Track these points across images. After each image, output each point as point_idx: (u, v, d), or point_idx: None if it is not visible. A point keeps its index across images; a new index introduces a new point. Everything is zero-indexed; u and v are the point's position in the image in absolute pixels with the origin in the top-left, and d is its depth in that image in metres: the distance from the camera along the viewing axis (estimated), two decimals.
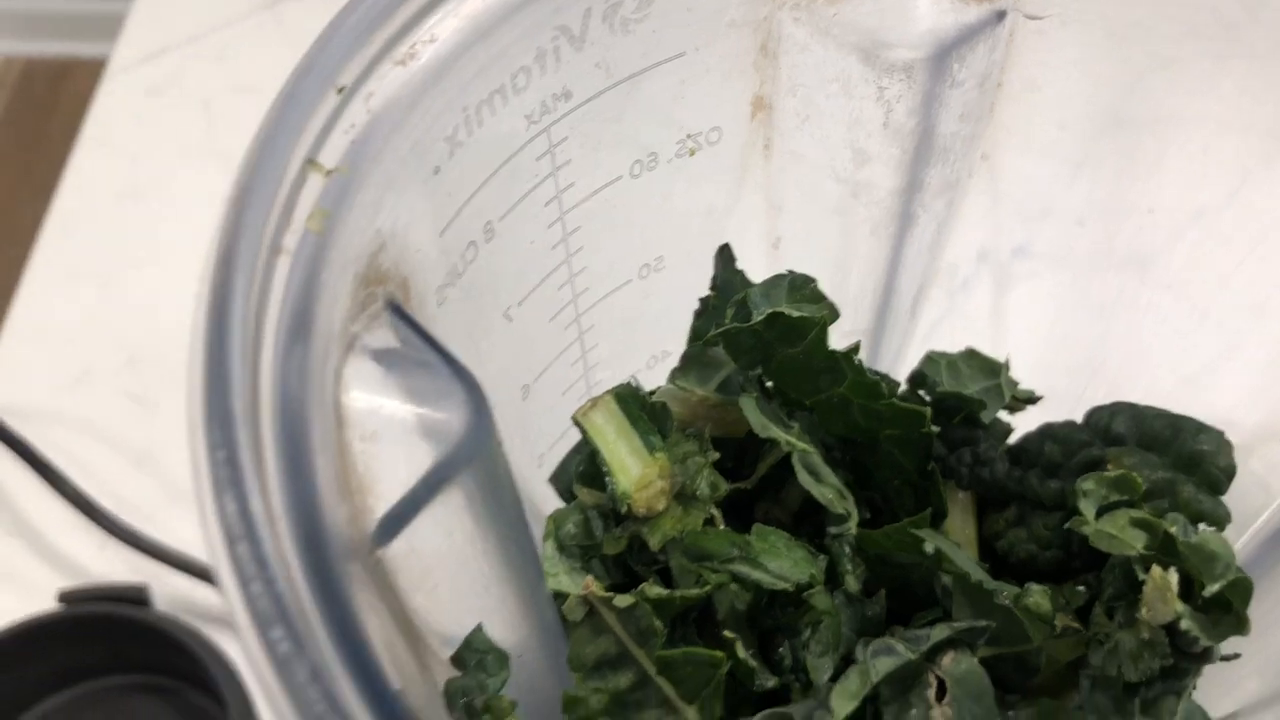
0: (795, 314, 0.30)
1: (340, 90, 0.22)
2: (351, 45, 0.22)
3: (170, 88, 0.82)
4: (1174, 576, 0.27)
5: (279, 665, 0.16)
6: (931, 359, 0.34)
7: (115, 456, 0.68)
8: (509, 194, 0.27)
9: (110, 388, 0.70)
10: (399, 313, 0.24)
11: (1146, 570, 0.27)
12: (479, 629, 0.26)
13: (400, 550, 0.22)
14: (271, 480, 0.19)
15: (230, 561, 0.17)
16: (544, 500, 0.34)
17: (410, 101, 0.23)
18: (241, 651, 0.17)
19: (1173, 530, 0.27)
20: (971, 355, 0.35)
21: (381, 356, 0.23)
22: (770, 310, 0.30)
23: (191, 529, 0.62)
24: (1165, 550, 0.27)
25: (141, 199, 0.78)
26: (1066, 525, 0.29)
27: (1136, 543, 0.28)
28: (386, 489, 0.22)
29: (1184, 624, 0.27)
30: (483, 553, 0.26)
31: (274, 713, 0.16)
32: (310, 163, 0.21)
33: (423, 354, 0.23)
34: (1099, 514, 0.29)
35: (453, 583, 0.25)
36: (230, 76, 0.83)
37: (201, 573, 0.60)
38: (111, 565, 0.63)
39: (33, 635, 0.57)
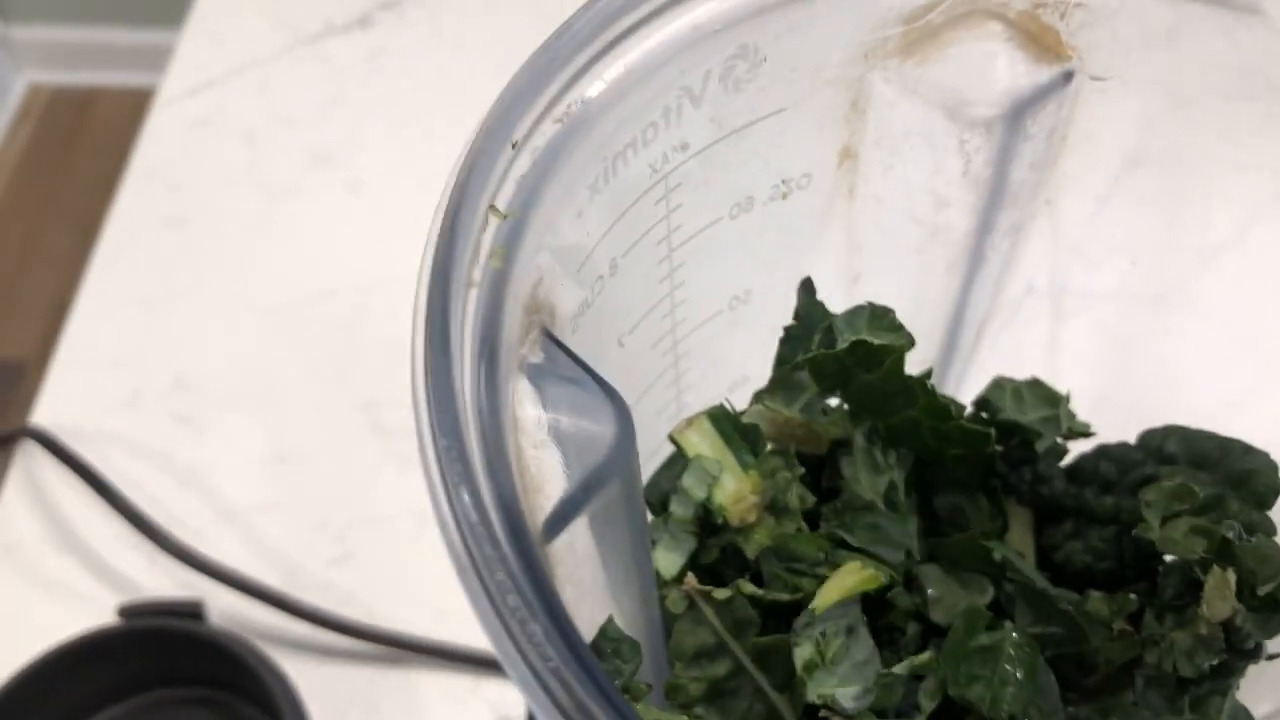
0: (877, 342, 0.33)
1: (514, 145, 0.25)
2: (523, 105, 0.25)
3: (215, 119, 0.85)
4: (1232, 576, 0.30)
5: (513, 629, 0.19)
6: (998, 384, 0.37)
7: (163, 476, 0.70)
8: (631, 234, 0.30)
9: (158, 410, 0.72)
10: (551, 337, 0.27)
11: (1204, 573, 0.30)
12: (610, 621, 0.28)
13: (562, 545, 0.25)
14: (480, 480, 0.22)
15: (462, 542, 0.20)
16: None
17: (566, 153, 0.26)
18: (481, 624, 0.19)
19: (1229, 535, 0.30)
20: (1035, 384, 0.38)
21: (541, 374, 0.26)
22: (854, 338, 0.33)
23: (239, 546, 0.65)
24: (1222, 554, 0.30)
25: (186, 228, 0.81)
26: (1135, 532, 0.32)
27: (1197, 547, 0.31)
28: (554, 490, 0.25)
29: (1239, 620, 0.30)
30: (616, 553, 0.29)
31: (513, 675, 0.19)
32: (492, 209, 0.24)
33: (574, 373, 0.26)
34: (1161, 523, 0.32)
35: (594, 579, 0.27)
36: (272, 109, 0.86)
37: (251, 589, 0.62)
38: (160, 581, 0.65)
39: (94, 648, 0.59)
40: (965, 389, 0.39)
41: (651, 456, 0.37)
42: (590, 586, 0.28)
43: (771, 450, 0.35)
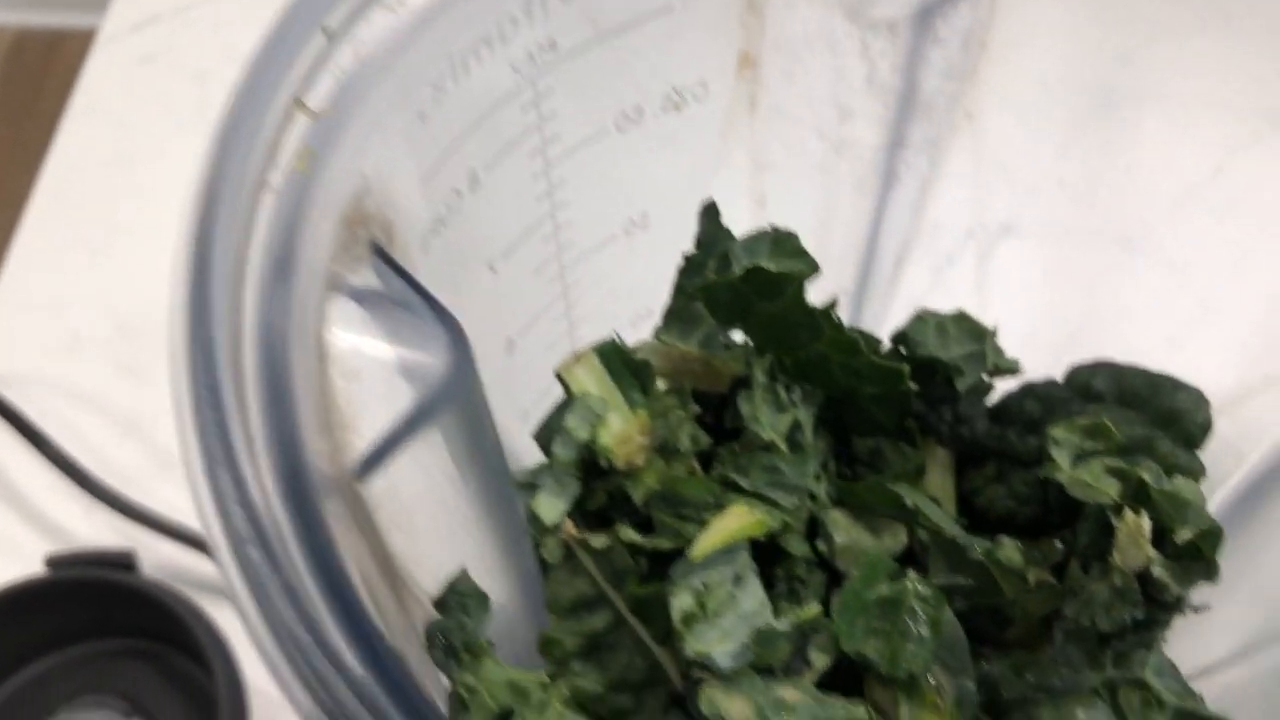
0: (774, 268, 0.30)
1: (326, 32, 0.22)
2: None
3: (162, 57, 0.82)
4: (1146, 522, 0.27)
5: (252, 583, 0.16)
6: (921, 318, 0.34)
7: (103, 424, 0.68)
8: (494, 144, 0.28)
9: (99, 356, 0.70)
10: (382, 255, 0.24)
11: (1119, 517, 0.28)
12: (463, 573, 0.26)
13: (381, 488, 0.22)
14: (253, 411, 0.19)
15: (209, 483, 0.17)
16: (528, 454, 0.35)
17: (398, 47, 0.24)
18: (219, 574, 0.17)
19: (1146, 477, 0.27)
20: (961, 318, 0.35)
21: (364, 297, 0.23)
22: (749, 264, 0.30)
23: (180, 497, 0.62)
24: (1139, 498, 0.28)
25: (132, 168, 0.78)
26: (1041, 474, 0.30)
27: (1110, 490, 0.28)
28: (368, 426, 0.22)
29: (1156, 570, 0.27)
30: (464, 496, 0.26)
31: (248, 631, 0.16)
32: (297, 103, 0.22)
33: (405, 296, 0.23)
34: (1074, 464, 0.29)
35: (434, 524, 0.25)
36: (225, 47, 0.83)
37: (189, 539, 0.60)
38: (98, 531, 0.63)
39: (19, 600, 0.57)
40: (888, 324, 0.36)
41: (544, 395, 0.34)
42: (431, 533, 0.25)
43: (666, 389, 0.32)
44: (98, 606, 0.59)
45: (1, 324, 0.71)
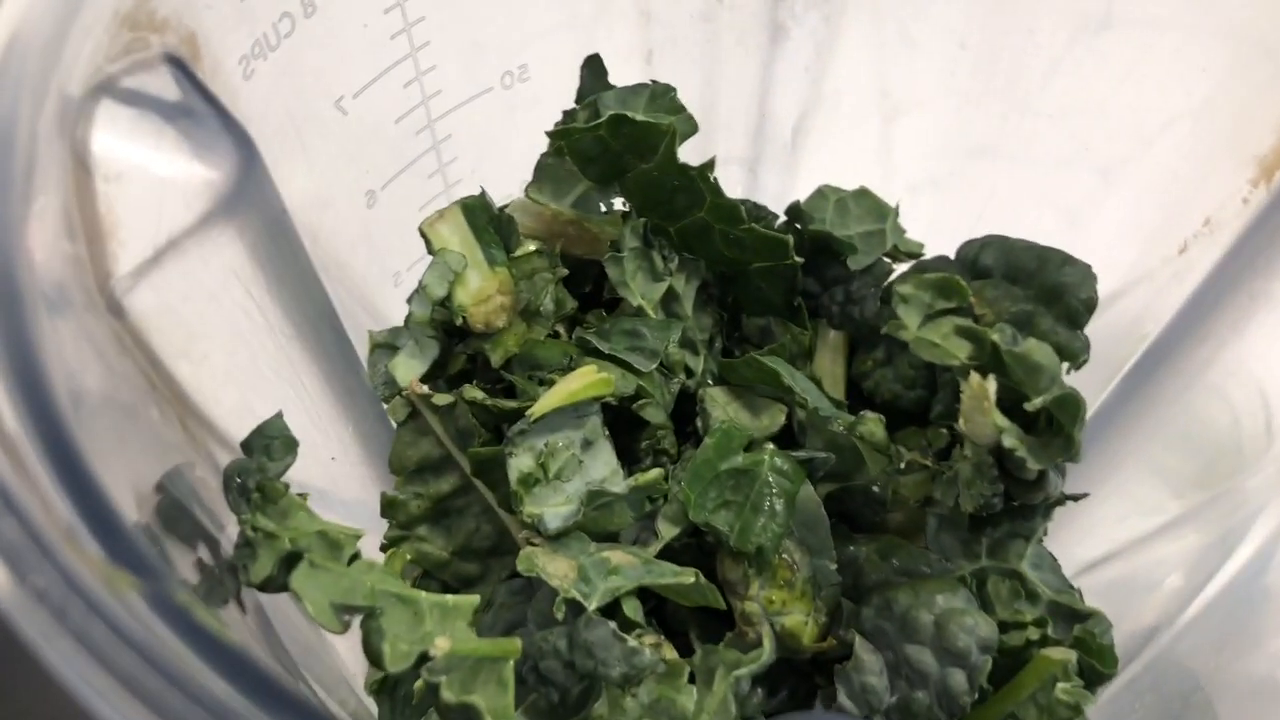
0: (639, 118, 0.28)
1: None
2: None
3: None
4: (992, 384, 0.25)
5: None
6: (822, 193, 0.32)
7: None
8: None
9: None
10: (180, 66, 0.22)
11: (966, 381, 0.26)
12: (277, 416, 0.25)
13: (151, 305, 0.21)
14: None
15: None
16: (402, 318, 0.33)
17: None
18: None
19: (996, 338, 0.25)
20: (863, 195, 0.33)
21: (139, 100, 0.21)
22: (612, 113, 0.28)
23: None
24: (991, 364, 0.26)
25: None
26: (884, 330, 0.28)
27: (960, 352, 0.26)
28: (133, 236, 0.21)
29: (1007, 441, 0.25)
30: (277, 331, 0.25)
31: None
32: None
33: (195, 106, 0.22)
34: (923, 324, 0.28)
35: (231, 358, 0.23)
36: None
37: None
38: None
39: None
40: (788, 198, 0.34)
41: (420, 259, 0.32)
42: (228, 367, 0.24)
43: (535, 251, 0.31)
44: None
45: None
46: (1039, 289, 0.28)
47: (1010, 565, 0.29)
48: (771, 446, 0.29)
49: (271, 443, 0.24)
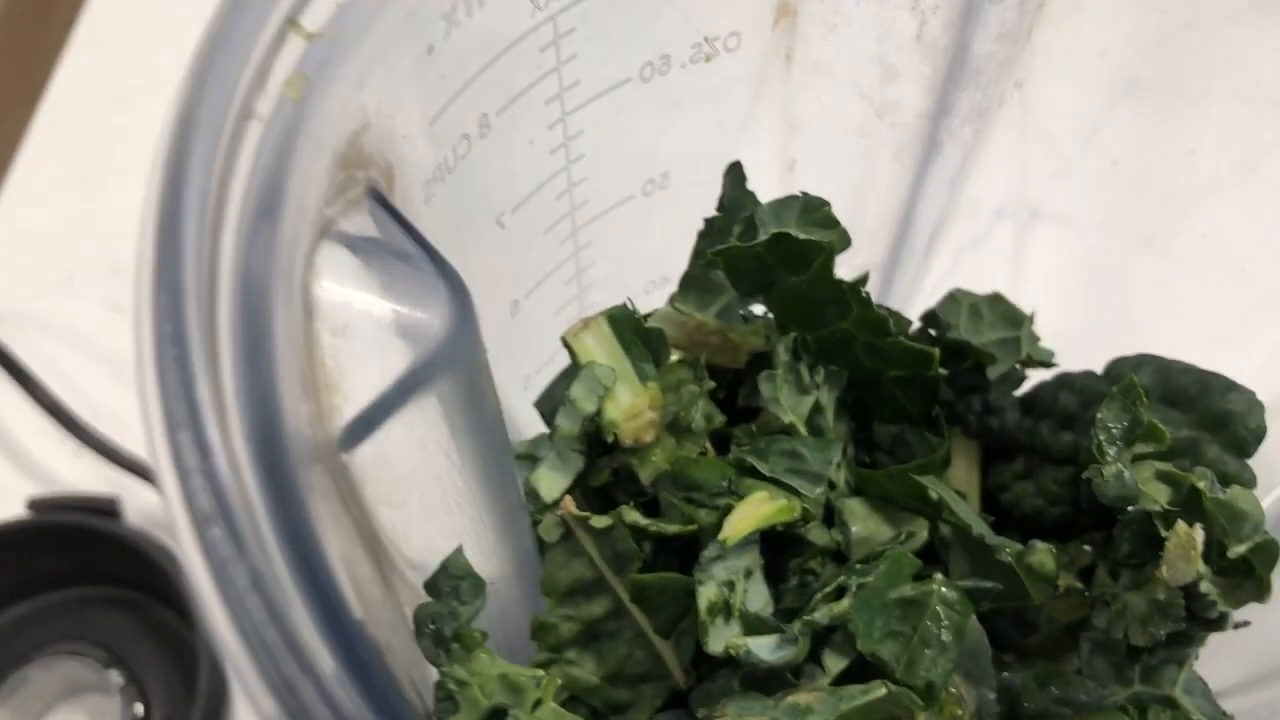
0: (802, 236, 0.28)
1: None
2: None
3: None
4: (1200, 534, 0.25)
5: (215, 568, 0.14)
6: (954, 298, 0.32)
7: (94, 366, 0.66)
8: (508, 86, 0.25)
9: (93, 296, 0.68)
10: (381, 200, 0.22)
11: (1168, 527, 0.26)
12: (458, 552, 0.24)
13: (368, 457, 0.20)
14: (226, 366, 0.17)
15: (169, 448, 0.15)
16: (529, 425, 0.32)
17: None
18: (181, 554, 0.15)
19: (1201, 485, 0.25)
20: (996, 300, 0.33)
21: (359, 246, 0.21)
22: (775, 231, 0.28)
23: None
24: (1190, 508, 0.26)
25: (133, 104, 0.76)
26: (1085, 474, 0.27)
27: (1160, 496, 0.26)
28: (357, 389, 0.20)
29: (1204, 586, 0.25)
30: (459, 469, 0.24)
31: (209, 623, 0.14)
32: (290, 23, 0.19)
33: (404, 247, 0.21)
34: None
35: (425, 498, 0.23)
36: None
37: None
38: (84, 476, 0.62)
39: None
40: (917, 303, 0.34)
41: (549, 362, 0.32)
42: (422, 508, 0.23)
43: (679, 361, 0.30)
44: (79, 552, 0.57)
45: None
46: (1201, 415, 0.28)
47: (1164, 691, 0.29)
48: (940, 576, 0.28)
49: (459, 584, 0.23)
